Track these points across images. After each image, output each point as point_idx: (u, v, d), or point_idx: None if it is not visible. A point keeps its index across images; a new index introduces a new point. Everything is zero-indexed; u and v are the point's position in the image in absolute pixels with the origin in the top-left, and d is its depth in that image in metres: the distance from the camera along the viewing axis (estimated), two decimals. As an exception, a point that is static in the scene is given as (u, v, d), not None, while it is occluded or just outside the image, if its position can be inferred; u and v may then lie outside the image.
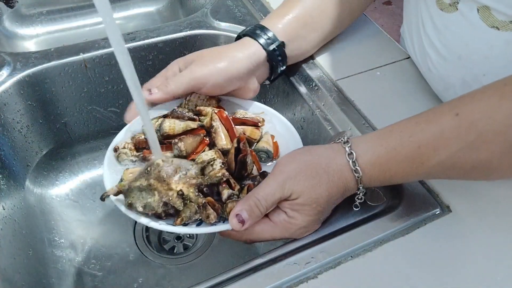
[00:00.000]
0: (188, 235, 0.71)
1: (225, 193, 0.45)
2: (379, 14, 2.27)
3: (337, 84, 0.60)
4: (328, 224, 0.45)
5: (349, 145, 0.42)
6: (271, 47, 0.55)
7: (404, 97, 0.58)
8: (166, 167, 0.43)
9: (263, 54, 0.55)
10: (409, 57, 0.64)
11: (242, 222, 0.41)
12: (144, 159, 0.50)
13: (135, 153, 0.50)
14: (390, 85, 0.60)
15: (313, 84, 0.61)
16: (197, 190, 0.44)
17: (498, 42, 0.47)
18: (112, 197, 0.44)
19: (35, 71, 0.63)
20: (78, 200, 0.73)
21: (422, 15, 0.56)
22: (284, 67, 0.59)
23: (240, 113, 0.55)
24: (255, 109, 0.57)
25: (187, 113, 0.52)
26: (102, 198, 0.44)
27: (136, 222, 0.71)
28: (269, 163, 0.53)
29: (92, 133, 0.74)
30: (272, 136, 0.54)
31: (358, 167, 0.42)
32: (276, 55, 0.56)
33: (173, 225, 0.43)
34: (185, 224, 0.43)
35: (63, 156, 0.74)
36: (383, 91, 0.59)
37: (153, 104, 0.54)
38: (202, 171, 0.45)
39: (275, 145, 0.54)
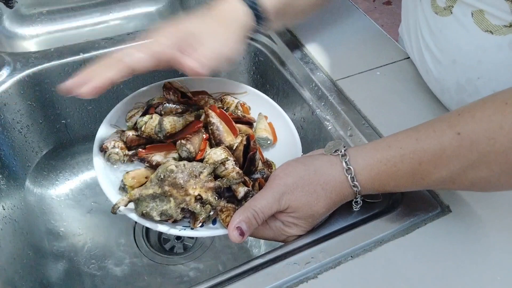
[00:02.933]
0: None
1: (241, 191, 0.45)
2: (379, 14, 2.27)
3: (337, 84, 0.60)
4: (328, 224, 0.45)
5: (346, 159, 0.42)
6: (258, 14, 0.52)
7: (404, 97, 0.58)
8: (181, 173, 0.42)
9: (252, 19, 0.52)
10: (408, 57, 0.64)
11: (242, 234, 0.41)
12: (142, 160, 0.47)
13: (126, 152, 0.47)
14: (390, 85, 0.60)
15: (313, 84, 0.61)
16: (215, 193, 0.43)
17: (491, 46, 0.47)
18: (121, 208, 0.43)
19: (35, 71, 0.63)
20: (78, 200, 0.73)
21: (419, 18, 0.56)
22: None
23: (228, 101, 0.54)
24: (238, 89, 0.56)
25: (178, 106, 0.51)
26: (113, 212, 0.42)
27: (136, 222, 0.71)
28: (270, 148, 0.53)
29: (92, 133, 0.73)
30: (266, 117, 0.55)
31: (356, 182, 0.42)
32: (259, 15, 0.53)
33: (192, 228, 0.43)
34: (201, 226, 0.44)
35: (63, 156, 0.74)
36: (383, 91, 0.59)
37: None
38: (214, 171, 0.45)
39: (271, 127, 0.54)
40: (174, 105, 0.50)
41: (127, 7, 0.99)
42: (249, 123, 0.54)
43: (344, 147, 0.44)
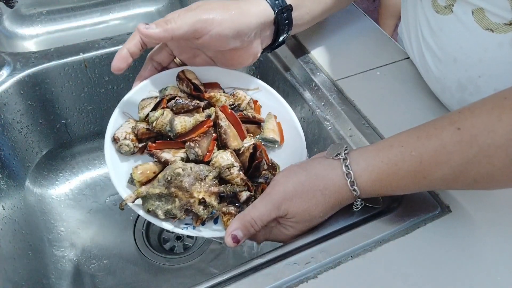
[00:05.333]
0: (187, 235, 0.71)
1: (244, 195, 0.46)
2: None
3: (337, 84, 0.60)
4: (328, 224, 0.45)
5: (347, 162, 0.42)
6: (279, 9, 0.52)
7: (404, 97, 0.58)
8: (187, 177, 0.44)
9: (271, 14, 0.52)
10: (408, 57, 0.64)
11: (237, 241, 0.42)
12: (151, 155, 0.48)
13: (137, 144, 0.48)
14: (390, 85, 0.60)
15: (313, 84, 0.61)
16: (218, 197, 0.45)
17: (492, 44, 0.47)
18: (129, 203, 0.44)
19: (35, 71, 0.63)
20: (78, 200, 0.73)
21: (419, 17, 0.56)
22: (287, 35, 0.57)
23: (240, 97, 0.54)
24: (251, 85, 0.55)
25: (190, 102, 0.50)
26: (121, 208, 0.44)
27: (136, 222, 0.71)
28: (276, 149, 0.53)
29: (92, 133, 0.74)
30: (275, 117, 0.54)
31: (356, 187, 0.42)
32: (283, 18, 0.54)
33: (194, 227, 0.45)
34: (203, 224, 0.45)
35: (63, 156, 0.74)
36: (383, 91, 0.59)
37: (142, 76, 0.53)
38: (219, 174, 0.46)
39: (279, 127, 0.53)
40: (186, 102, 0.50)
41: (127, 7, 0.99)
42: (258, 123, 0.54)
43: (346, 149, 0.43)
